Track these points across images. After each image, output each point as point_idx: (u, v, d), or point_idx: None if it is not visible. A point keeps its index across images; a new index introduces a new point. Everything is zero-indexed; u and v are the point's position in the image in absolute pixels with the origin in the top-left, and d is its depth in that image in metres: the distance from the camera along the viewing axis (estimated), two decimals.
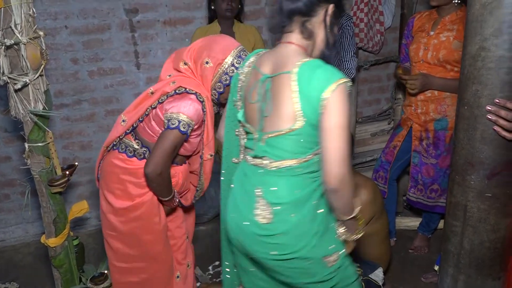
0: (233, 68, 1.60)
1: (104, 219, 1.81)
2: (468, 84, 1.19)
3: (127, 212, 1.74)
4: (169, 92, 1.59)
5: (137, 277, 1.83)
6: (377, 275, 2.14)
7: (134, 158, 1.73)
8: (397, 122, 2.92)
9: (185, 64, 1.65)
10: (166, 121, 1.57)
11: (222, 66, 1.61)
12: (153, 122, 1.67)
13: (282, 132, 1.26)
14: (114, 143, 1.75)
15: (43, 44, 1.72)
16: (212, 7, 2.78)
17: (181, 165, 1.79)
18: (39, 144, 1.78)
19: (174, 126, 1.53)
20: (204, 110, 1.60)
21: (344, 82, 1.20)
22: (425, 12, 2.50)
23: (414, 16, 2.54)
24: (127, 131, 1.73)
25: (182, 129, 1.54)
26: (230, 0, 2.70)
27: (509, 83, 1.12)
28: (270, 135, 1.30)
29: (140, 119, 1.69)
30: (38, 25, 1.69)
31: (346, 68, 2.62)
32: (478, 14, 1.12)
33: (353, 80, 2.75)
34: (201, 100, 1.59)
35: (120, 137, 1.74)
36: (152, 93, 1.67)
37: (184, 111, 1.55)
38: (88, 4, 2.79)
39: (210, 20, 2.88)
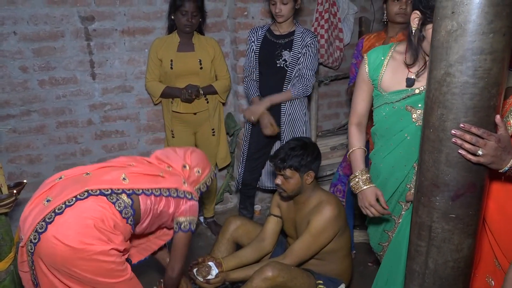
0: (209, 180, 2.02)
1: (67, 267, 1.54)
2: (433, 107, 1.22)
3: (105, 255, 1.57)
4: (180, 190, 1.80)
5: None
6: None
7: (119, 215, 1.62)
8: None
9: (184, 167, 1.91)
10: (186, 224, 1.81)
11: (205, 177, 1.99)
12: (158, 205, 1.75)
13: None
14: (105, 192, 1.62)
15: None
16: (172, 17, 2.72)
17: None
18: None
19: (193, 228, 1.83)
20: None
21: None
22: (373, 34, 2.57)
23: (364, 37, 2.59)
24: (126, 190, 1.66)
25: (193, 228, 1.84)
26: (191, 16, 2.65)
27: (472, 108, 1.15)
28: None
29: (147, 192, 1.71)
30: None
31: (304, 84, 2.63)
32: (444, 40, 1.15)
33: (309, 97, 2.78)
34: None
35: (115, 190, 1.64)
36: (162, 176, 1.79)
37: (194, 213, 1.84)
38: (39, 9, 2.65)
39: (170, 31, 2.82)
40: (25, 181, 1.86)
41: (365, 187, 1.69)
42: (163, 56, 2.74)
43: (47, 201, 1.59)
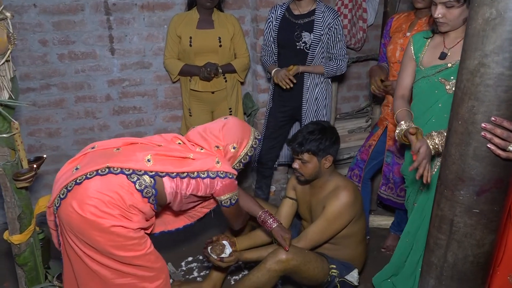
0: (252, 149, 1.93)
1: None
2: (464, 99, 1.17)
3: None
4: (212, 172, 1.76)
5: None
6: (353, 276, 2.15)
7: (139, 194, 1.64)
8: (375, 121, 2.92)
9: (217, 147, 1.85)
10: (226, 201, 1.83)
11: (245, 149, 1.91)
12: (187, 189, 1.74)
13: None
14: (126, 171, 1.63)
15: (11, 27, 1.57)
16: None
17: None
18: (4, 135, 1.65)
19: (234, 202, 1.86)
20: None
21: None
22: (404, 13, 2.49)
23: (393, 17, 2.52)
24: (149, 172, 1.66)
25: (234, 202, 1.86)
26: None
27: (506, 102, 1.10)
28: None
29: (171, 174, 1.69)
30: (3, 3, 1.53)
31: (338, 65, 2.61)
32: (480, 29, 1.09)
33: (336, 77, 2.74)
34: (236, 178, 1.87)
35: (137, 171, 1.65)
36: (192, 158, 1.77)
37: (232, 189, 1.83)
38: None
39: (190, 7, 2.77)
40: (44, 156, 1.88)
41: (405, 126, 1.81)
42: (182, 32, 2.70)
43: (76, 169, 1.67)
